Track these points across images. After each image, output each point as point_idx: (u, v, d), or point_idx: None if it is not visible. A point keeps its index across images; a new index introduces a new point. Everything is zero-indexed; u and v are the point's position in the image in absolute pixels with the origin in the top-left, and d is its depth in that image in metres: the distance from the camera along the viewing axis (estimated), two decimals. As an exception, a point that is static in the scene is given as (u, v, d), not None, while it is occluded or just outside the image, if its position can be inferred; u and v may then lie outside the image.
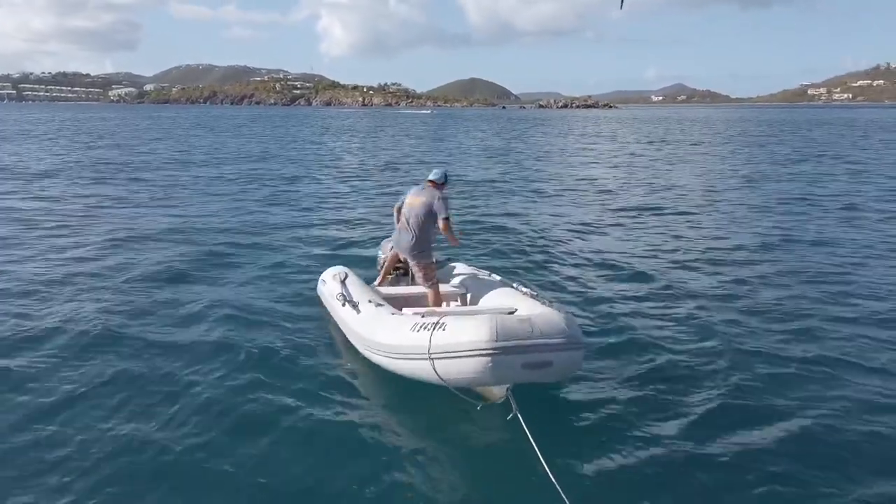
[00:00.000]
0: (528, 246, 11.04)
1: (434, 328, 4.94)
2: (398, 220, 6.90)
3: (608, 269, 9.61)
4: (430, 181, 6.74)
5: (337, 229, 12.42)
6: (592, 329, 6.82)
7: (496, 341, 4.58)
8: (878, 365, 5.99)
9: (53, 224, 12.32)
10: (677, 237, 11.78)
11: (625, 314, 7.46)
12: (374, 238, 10.81)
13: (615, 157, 30.67)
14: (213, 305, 7.43)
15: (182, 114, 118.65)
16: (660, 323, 7.18)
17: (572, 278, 9.05)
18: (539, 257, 10.30)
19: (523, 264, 9.78)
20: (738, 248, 10.83)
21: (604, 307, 7.69)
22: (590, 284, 8.77)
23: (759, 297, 8.06)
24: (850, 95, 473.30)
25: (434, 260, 6.84)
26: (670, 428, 4.88)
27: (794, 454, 4.51)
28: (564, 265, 9.80)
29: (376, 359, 5.58)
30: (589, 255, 10.39)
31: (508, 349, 4.60)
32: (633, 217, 13.95)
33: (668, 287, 8.57)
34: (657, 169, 24.34)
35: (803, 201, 15.87)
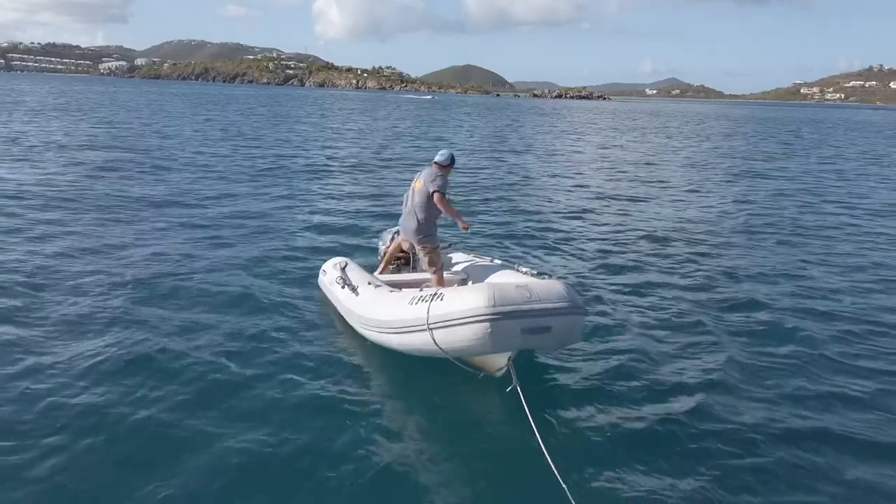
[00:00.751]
0: (538, 231, 11.27)
1: (432, 299, 4.99)
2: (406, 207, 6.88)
3: (610, 252, 9.93)
4: (436, 163, 6.67)
5: (338, 219, 12.20)
6: (596, 307, 7.11)
7: (494, 306, 4.58)
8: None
9: (49, 206, 12.38)
10: (684, 220, 12.05)
11: (628, 292, 7.81)
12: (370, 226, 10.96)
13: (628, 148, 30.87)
14: (212, 291, 7.39)
15: (177, 89, 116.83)
16: (667, 303, 7.54)
17: (572, 258, 9.43)
18: (541, 241, 10.57)
19: (529, 250, 10.02)
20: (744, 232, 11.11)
21: (605, 285, 8.03)
22: (591, 265, 9.14)
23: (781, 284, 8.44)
24: (843, 95, 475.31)
25: (438, 245, 6.81)
26: (669, 405, 5.02)
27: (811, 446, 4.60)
28: (566, 250, 10.06)
29: (375, 336, 5.63)
30: (590, 241, 10.70)
31: (507, 314, 4.59)
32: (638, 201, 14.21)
33: (675, 269, 9.03)
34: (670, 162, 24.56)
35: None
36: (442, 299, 4.91)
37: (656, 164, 23.95)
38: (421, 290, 5.32)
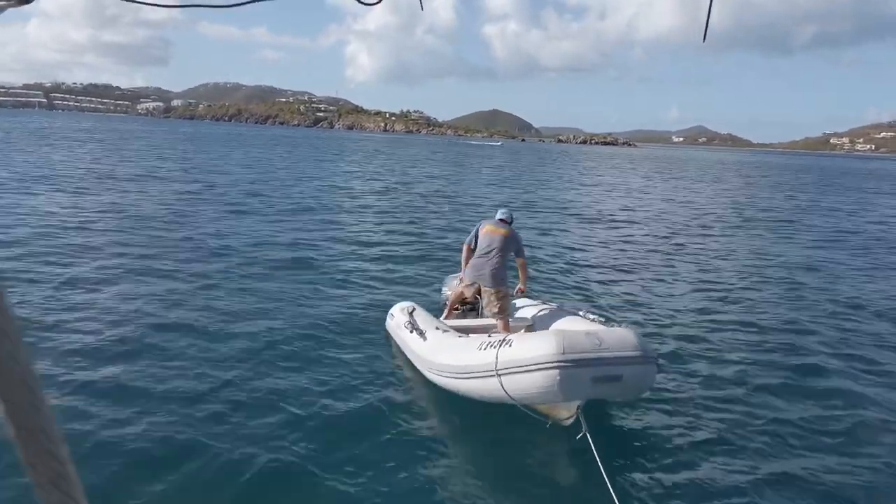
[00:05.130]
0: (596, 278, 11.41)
1: (501, 345, 4.98)
2: (467, 257, 7.04)
3: (673, 297, 10.17)
4: (502, 220, 7.03)
5: (404, 266, 12.01)
6: (666, 351, 7.25)
7: (563, 353, 4.55)
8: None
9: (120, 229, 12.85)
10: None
11: (699, 340, 8.00)
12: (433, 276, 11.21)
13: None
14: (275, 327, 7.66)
15: (214, 130, 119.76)
16: (740, 349, 7.72)
17: (636, 305, 9.60)
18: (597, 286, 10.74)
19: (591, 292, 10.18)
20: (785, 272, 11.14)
21: (673, 330, 8.22)
22: (656, 310, 9.32)
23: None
24: (874, 146, 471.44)
25: (510, 292, 6.94)
26: (748, 461, 5.00)
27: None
28: (626, 293, 10.17)
29: (442, 381, 5.64)
30: (655, 292, 10.80)
31: (577, 362, 4.56)
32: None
33: (747, 316, 9.25)
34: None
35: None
36: (511, 345, 4.92)
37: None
38: (489, 336, 5.36)
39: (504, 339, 5.07)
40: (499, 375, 4.88)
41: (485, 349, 5.15)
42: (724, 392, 6.37)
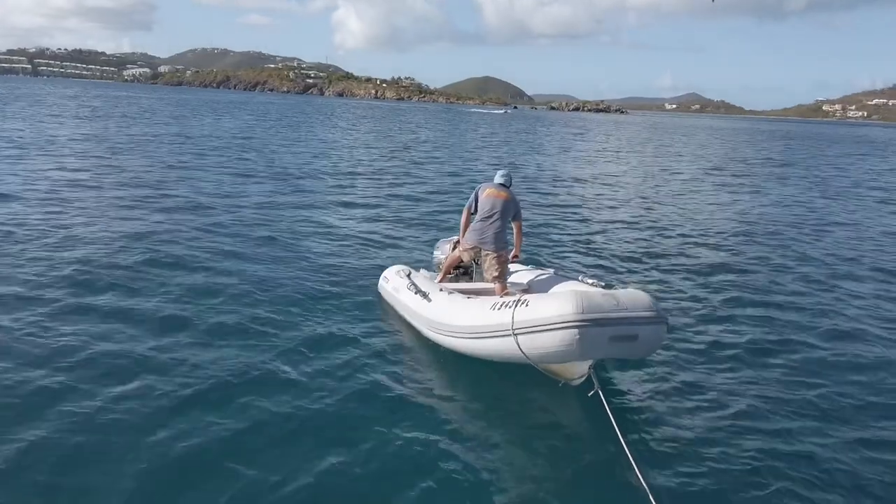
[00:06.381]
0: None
1: (516, 305, 5.05)
2: (467, 220, 7.07)
3: (668, 255, 10.54)
4: (502, 184, 7.06)
5: (394, 229, 12.37)
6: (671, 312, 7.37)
7: (583, 313, 4.64)
8: None
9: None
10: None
11: (703, 299, 8.30)
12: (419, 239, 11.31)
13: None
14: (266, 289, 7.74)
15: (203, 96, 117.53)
16: (746, 308, 8.06)
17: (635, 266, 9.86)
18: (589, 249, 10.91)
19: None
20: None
21: (676, 293, 8.52)
22: (655, 270, 9.67)
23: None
24: (865, 113, 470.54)
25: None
26: (752, 412, 5.24)
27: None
28: (620, 256, 10.36)
29: (451, 342, 5.72)
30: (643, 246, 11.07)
31: (596, 321, 4.66)
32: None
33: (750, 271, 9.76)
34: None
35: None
36: (527, 305, 4.99)
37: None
38: (501, 297, 5.44)
39: (519, 300, 5.15)
40: (515, 335, 4.96)
41: (499, 309, 5.22)
42: (726, 352, 6.62)
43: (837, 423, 5.27)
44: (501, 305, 5.25)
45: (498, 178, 7.14)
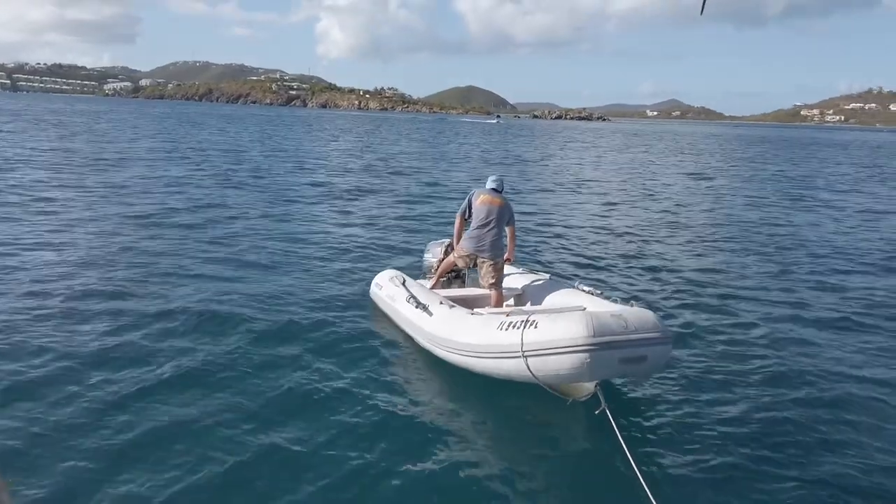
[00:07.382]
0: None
1: (525, 326, 4.96)
2: (460, 227, 6.93)
3: (663, 271, 10.22)
4: (495, 189, 6.91)
5: (380, 234, 12.38)
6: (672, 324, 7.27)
7: (594, 336, 4.65)
8: None
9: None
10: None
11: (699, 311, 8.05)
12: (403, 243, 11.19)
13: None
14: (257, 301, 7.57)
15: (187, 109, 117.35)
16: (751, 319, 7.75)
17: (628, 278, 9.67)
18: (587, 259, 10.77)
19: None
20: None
21: (673, 306, 8.27)
22: (654, 284, 9.40)
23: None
24: (843, 118, 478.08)
25: None
26: (759, 426, 5.11)
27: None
28: (618, 267, 10.25)
29: (454, 358, 5.58)
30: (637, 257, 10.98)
31: (606, 344, 4.67)
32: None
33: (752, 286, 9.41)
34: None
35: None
36: (536, 326, 4.92)
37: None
38: (508, 316, 5.33)
39: (527, 320, 5.04)
40: (525, 357, 4.89)
41: (507, 329, 5.11)
42: (732, 363, 6.48)
43: (849, 440, 5.11)
44: (509, 325, 5.13)
45: (490, 184, 6.97)
